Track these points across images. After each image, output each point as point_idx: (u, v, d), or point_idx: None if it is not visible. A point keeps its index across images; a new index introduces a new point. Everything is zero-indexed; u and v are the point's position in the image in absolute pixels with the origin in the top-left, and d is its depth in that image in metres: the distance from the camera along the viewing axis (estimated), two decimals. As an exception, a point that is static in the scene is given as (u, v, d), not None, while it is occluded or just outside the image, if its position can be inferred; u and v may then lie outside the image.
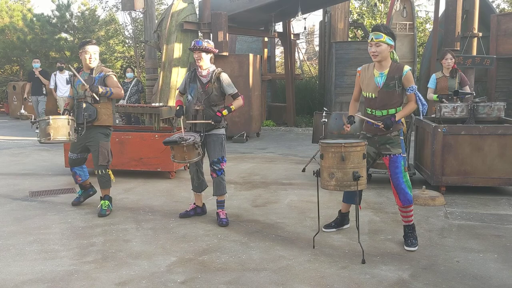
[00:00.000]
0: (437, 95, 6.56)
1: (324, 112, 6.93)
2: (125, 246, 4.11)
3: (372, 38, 3.90)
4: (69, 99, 5.23)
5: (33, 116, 8.43)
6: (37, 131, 4.84)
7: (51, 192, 5.91)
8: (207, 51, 4.66)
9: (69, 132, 4.81)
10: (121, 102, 9.90)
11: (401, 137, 4.03)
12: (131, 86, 10.74)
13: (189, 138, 4.48)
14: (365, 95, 4.09)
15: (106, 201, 5.08)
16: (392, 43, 3.93)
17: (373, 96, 4.00)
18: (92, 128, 4.99)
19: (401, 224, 4.18)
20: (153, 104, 7.97)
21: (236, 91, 4.77)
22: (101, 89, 4.86)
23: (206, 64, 4.69)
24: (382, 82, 3.94)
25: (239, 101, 4.74)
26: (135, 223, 4.74)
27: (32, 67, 12.18)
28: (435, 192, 5.53)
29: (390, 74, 3.93)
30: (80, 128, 4.98)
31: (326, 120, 6.72)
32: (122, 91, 5.15)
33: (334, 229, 4.45)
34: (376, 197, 5.62)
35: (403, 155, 4.00)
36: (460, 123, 6.02)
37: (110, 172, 5.13)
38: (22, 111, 9.98)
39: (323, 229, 4.36)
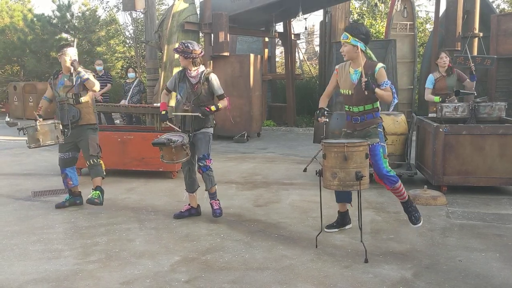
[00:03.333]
0: (438, 97, 6.58)
1: (325, 112, 6.93)
2: (128, 245, 4.13)
3: (342, 37, 4.08)
4: (43, 102, 5.28)
5: (18, 122, 8.37)
6: (26, 137, 4.98)
7: (53, 192, 5.93)
8: (184, 55, 4.64)
9: (57, 136, 5.01)
10: (122, 102, 9.93)
11: (379, 129, 4.13)
12: (133, 87, 10.73)
13: (177, 140, 4.51)
14: (342, 92, 4.21)
15: (98, 191, 5.13)
16: (356, 43, 4.02)
17: (350, 93, 4.13)
18: (78, 127, 5.11)
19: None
20: (154, 105, 8.01)
21: (223, 92, 4.85)
22: (83, 75, 4.96)
23: (189, 65, 4.69)
24: (356, 79, 4.06)
25: (224, 102, 4.81)
26: (138, 222, 4.76)
27: None
28: (437, 192, 5.54)
29: (364, 71, 4.03)
30: (66, 130, 5.11)
31: (327, 120, 6.72)
32: (96, 87, 5.11)
33: (336, 229, 4.46)
34: (378, 197, 5.63)
35: (382, 144, 4.09)
36: (461, 123, 6.03)
37: (102, 162, 5.20)
38: (8, 118, 9.90)
39: (325, 230, 4.36)
